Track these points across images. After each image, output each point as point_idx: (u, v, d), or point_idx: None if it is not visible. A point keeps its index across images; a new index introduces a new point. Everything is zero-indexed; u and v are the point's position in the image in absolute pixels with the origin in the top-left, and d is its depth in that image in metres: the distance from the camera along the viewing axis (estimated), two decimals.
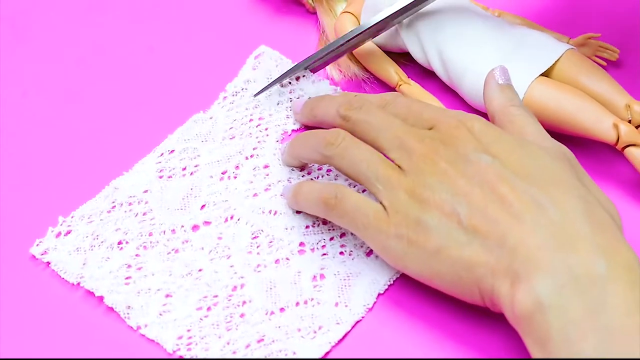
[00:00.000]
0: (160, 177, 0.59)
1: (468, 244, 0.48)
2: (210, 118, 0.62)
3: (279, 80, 0.62)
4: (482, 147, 0.51)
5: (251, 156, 0.59)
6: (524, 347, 0.47)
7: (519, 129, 0.53)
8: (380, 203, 0.52)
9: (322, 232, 0.56)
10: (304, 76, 0.62)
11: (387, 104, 0.55)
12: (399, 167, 0.52)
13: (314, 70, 0.62)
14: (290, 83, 0.62)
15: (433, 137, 0.52)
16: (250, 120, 0.61)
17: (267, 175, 0.59)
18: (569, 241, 0.47)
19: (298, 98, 0.62)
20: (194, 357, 0.51)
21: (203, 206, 0.57)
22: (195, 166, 0.59)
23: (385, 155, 0.53)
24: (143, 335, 0.52)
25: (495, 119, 0.54)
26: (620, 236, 0.48)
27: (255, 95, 0.62)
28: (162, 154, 0.60)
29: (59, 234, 0.56)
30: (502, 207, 0.48)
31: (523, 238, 0.47)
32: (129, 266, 0.55)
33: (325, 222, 0.56)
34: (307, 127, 0.61)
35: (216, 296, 0.53)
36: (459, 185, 0.50)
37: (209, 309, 0.53)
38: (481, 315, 0.51)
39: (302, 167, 0.59)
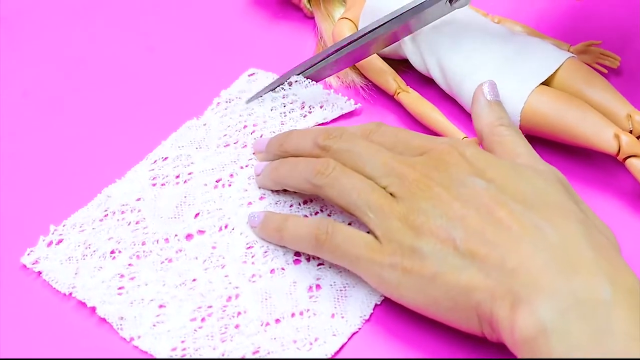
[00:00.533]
0: (154, 184, 0.58)
1: (465, 268, 0.47)
2: (204, 125, 0.61)
3: (272, 86, 0.61)
4: (476, 172, 0.50)
5: (246, 166, 0.59)
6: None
7: (510, 150, 0.52)
8: (373, 233, 0.51)
9: None
10: (296, 81, 0.61)
11: (370, 133, 0.54)
12: (391, 194, 0.51)
13: (316, 81, 0.62)
14: (283, 89, 0.61)
15: (425, 163, 0.51)
16: (245, 127, 0.61)
17: None
18: (571, 264, 0.46)
19: (291, 103, 0.61)
20: None
21: (197, 215, 0.56)
22: (189, 174, 0.58)
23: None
24: (136, 347, 0.51)
25: (483, 137, 0.54)
26: (621, 260, 0.47)
27: (248, 101, 0.61)
28: (155, 161, 0.59)
29: (50, 243, 0.55)
30: (500, 230, 0.47)
31: (523, 261, 0.46)
32: (122, 276, 0.54)
33: None
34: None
35: (210, 307, 0.52)
36: (454, 210, 0.49)
37: (203, 319, 0.52)
38: None
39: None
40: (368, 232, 0.51)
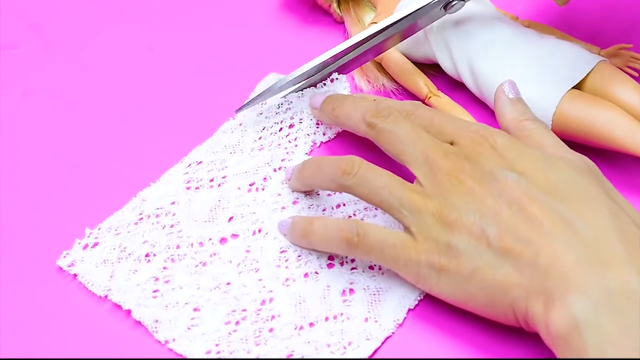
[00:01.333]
0: (188, 188, 0.58)
1: (500, 266, 0.48)
2: (240, 124, 0.61)
3: (267, 93, 0.60)
4: (507, 164, 0.50)
5: (279, 168, 0.59)
6: None
7: (537, 143, 0.52)
8: (407, 229, 0.51)
9: None
10: (337, 79, 0.61)
11: (407, 114, 0.54)
12: (420, 184, 0.51)
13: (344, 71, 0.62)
14: (325, 84, 0.61)
15: (458, 153, 0.51)
16: (280, 129, 0.61)
17: None
18: (602, 259, 0.46)
19: None
20: None
21: (231, 218, 0.57)
22: (223, 177, 0.59)
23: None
24: (171, 350, 0.52)
25: (509, 134, 0.54)
26: None
27: (237, 111, 0.60)
28: (189, 165, 0.59)
29: (86, 246, 0.56)
30: (532, 227, 0.48)
31: (555, 257, 0.47)
32: (157, 279, 0.54)
33: None
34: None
35: (245, 310, 0.53)
36: (486, 205, 0.49)
37: (237, 323, 0.52)
38: (513, 332, 0.51)
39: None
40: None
